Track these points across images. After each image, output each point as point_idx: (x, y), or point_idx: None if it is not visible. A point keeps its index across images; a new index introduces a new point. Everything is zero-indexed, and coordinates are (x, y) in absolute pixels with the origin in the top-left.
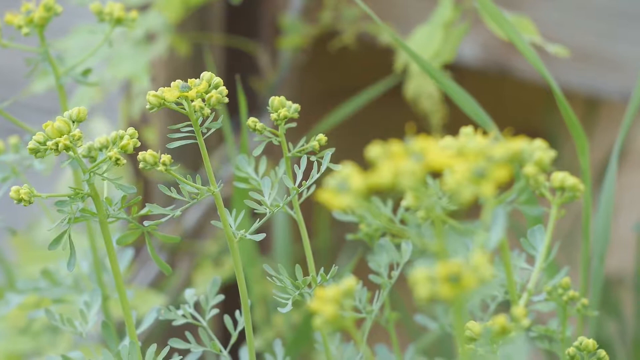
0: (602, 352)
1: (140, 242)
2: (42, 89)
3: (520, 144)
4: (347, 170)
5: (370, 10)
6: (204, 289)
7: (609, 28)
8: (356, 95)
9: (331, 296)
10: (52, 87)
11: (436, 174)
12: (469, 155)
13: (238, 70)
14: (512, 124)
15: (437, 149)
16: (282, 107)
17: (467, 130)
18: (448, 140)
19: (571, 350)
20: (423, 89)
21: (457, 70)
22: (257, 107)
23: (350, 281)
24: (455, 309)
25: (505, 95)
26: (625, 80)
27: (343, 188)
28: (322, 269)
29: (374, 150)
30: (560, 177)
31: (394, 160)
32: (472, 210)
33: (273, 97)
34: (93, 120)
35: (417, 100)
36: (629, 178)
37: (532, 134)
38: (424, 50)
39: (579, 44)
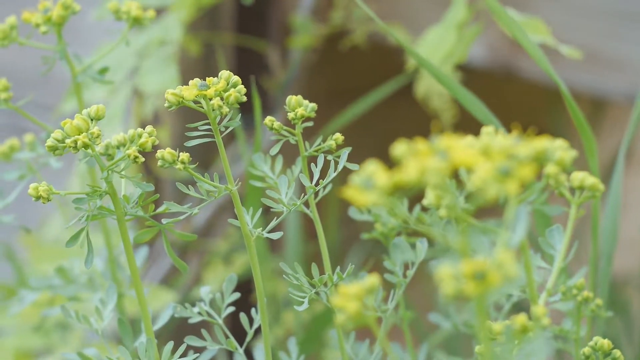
0: (617, 352)
1: (151, 240)
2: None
3: (544, 143)
4: (373, 168)
5: (376, 13)
6: (214, 286)
7: (613, 28)
8: (367, 94)
9: (354, 293)
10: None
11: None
12: (494, 154)
13: (248, 69)
14: (519, 124)
15: (463, 148)
16: (300, 106)
17: (488, 129)
18: (470, 139)
19: (586, 350)
20: (434, 88)
21: (464, 71)
22: (268, 106)
23: (372, 279)
24: (478, 307)
25: (511, 96)
26: (630, 80)
27: (368, 185)
28: (338, 267)
29: (400, 148)
30: (580, 176)
31: (420, 158)
32: (483, 210)
33: (290, 96)
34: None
35: (427, 99)
36: (635, 179)
37: (540, 134)
38: (437, 51)
39: (584, 45)
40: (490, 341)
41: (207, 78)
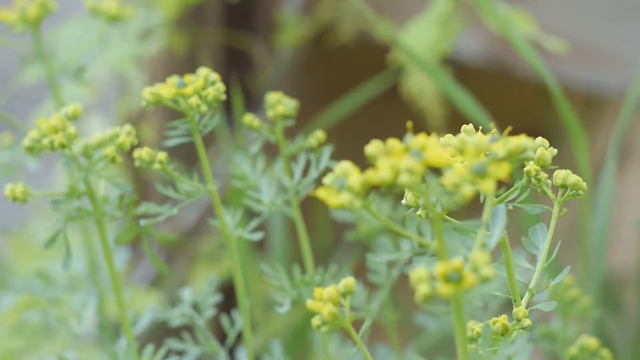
0: (605, 352)
1: (140, 239)
2: (32, 78)
3: (520, 140)
4: (345, 168)
5: (367, 7)
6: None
7: (611, 22)
8: (354, 92)
9: (329, 296)
10: (41, 77)
11: (439, 171)
12: (469, 153)
13: (237, 68)
14: (515, 121)
15: (437, 146)
16: (279, 103)
17: (467, 127)
18: (448, 137)
19: (573, 350)
20: (424, 86)
21: (457, 67)
22: (256, 105)
23: (348, 281)
24: (456, 309)
25: (507, 92)
26: (628, 75)
27: (341, 186)
28: (322, 267)
29: (372, 147)
30: (563, 174)
31: (392, 157)
32: (473, 209)
33: (269, 93)
34: (89, 117)
35: (417, 98)
36: (634, 175)
37: (535, 131)
38: (419, 44)
39: (581, 38)
40: (466, 343)
41: (185, 76)
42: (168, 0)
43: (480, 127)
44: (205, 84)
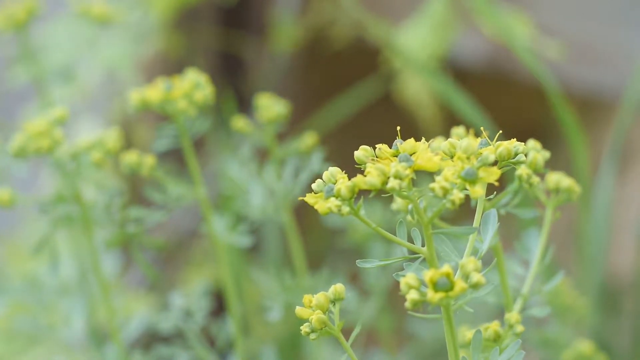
0: (600, 357)
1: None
2: (20, 79)
3: (510, 144)
4: (332, 173)
5: (360, 9)
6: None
7: (610, 24)
8: (349, 95)
9: (318, 303)
10: (30, 79)
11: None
12: (459, 157)
13: (233, 71)
14: (514, 124)
15: (427, 151)
16: (270, 107)
17: (458, 130)
18: (438, 141)
19: (567, 354)
20: (420, 90)
21: (456, 70)
22: (251, 107)
23: (338, 287)
24: (446, 315)
25: (506, 95)
26: (627, 77)
27: (329, 191)
28: (317, 272)
29: (361, 151)
30: (555, 178)
31: (382, 162)
32: (471, 213)
33: (260, 96)
34: (84, 119)
35: (413, 103)
36: (633, 178)
37: (534, 135)
38: (415, 47)
39: (580, 39)
40: (457, 349)
41: (173, 78)
42: (162, 2)
43: (475, 130)
44: (193, 86)
